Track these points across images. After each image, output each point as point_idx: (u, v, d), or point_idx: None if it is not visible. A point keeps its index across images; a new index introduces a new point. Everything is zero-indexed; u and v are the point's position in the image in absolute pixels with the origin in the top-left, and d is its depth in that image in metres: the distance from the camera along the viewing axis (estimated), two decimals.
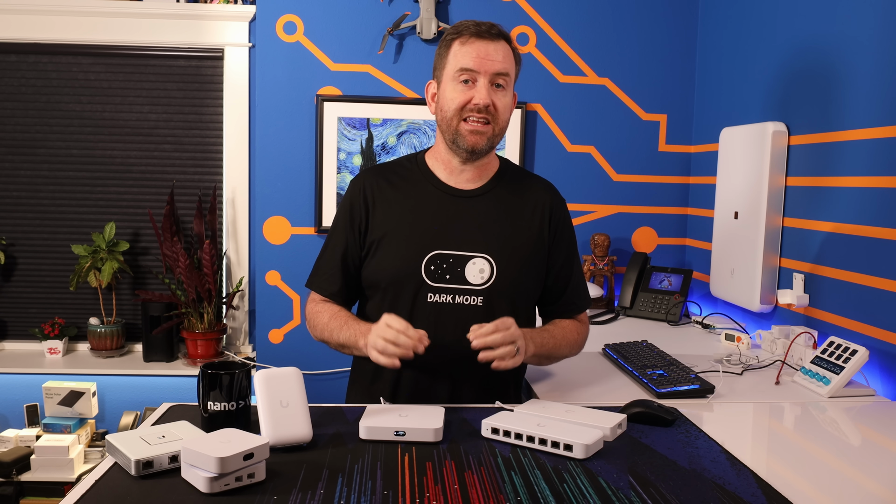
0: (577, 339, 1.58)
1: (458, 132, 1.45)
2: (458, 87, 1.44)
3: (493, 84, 1.44)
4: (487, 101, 1.42)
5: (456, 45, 1.46)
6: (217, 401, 1.16)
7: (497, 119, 1.46)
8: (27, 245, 2.89)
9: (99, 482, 1.02)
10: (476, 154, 1.48)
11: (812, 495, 1.11)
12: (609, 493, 1.02)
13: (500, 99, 1.45)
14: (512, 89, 1.50)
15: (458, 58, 1.44)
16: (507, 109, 1.48)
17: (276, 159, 2.72)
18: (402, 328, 1.31)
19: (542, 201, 1.55)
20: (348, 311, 1.55)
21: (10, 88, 2.81)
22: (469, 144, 1.45)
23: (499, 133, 1.48)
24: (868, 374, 1.72)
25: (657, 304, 2.47)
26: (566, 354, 1.58)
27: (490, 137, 1.46)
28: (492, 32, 1.45)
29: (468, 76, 1.43)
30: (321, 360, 2.72)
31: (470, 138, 1.45)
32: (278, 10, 2.67)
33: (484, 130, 1.45)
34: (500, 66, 1.44)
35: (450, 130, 1.47)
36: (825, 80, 1.97)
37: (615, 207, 2.82)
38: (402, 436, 1.19)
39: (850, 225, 1.86)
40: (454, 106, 1.45)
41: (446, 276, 1.46)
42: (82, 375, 2.71)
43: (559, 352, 1.54)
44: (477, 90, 1.43)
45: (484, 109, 1.43)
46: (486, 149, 1.48)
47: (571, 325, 1.58)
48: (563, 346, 1.54)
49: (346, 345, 1.48)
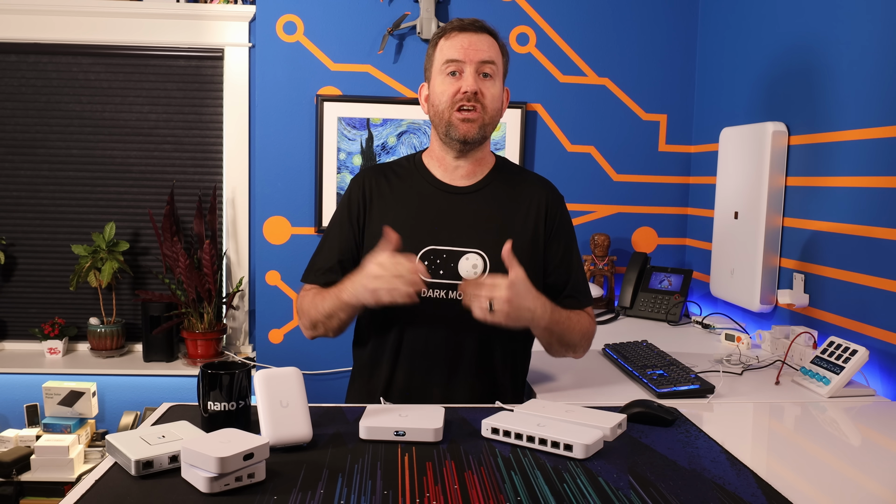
0: (587, 329, 1.53)
1: (451, 123, 1.47)
2: (447, 79, 1.47)
3: (479, 73, 1.46)
4: (475, 88, 1.44)
5: (441, 42, 1.49)
6: (217, 401, 1.16)
7: (486, 107, 1.47)
8: (27, 245, 2.89)
9: (99, 482, 1.02)
10: (469, 144, 1.49)
11: (812, 495, 1.11)
12: (609, 493, 1.02)
13: (487, 87, 1.47)
14: (500, 80, 1.51)
15: (443, 52, 1.48)
16: (496, 98, 1.49)
17: (276, 159, 2.72)
18: (393, 260, 1.30)
19: (537, 197, 1.55)
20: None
21: (10, 88, 2.81)
22: (461, 133, 1.47)
23: (489, 122, 1.49)
24: (868, 374, 1.72)
25: (657, 304, 2.47)
26: (577, 342, 1.51)
27: (481, 126, 1.47)
28: (475, 26, 1.48)
29: (455, 67, 1.46)
30: (321, 360, 2.72)
31: (461, 127, 1.46)
32: (278, 10, 2.67)
33: (474, 118, 1.46)
34: (485, 55, 1.46)
35: (442, 123, 1.48)
36: (825, 79, 1.97)
37: (615, 207, 2.82)
38: (402, 436, 1.19)
39: (850, 225, 1.86)
40: (444, 98, 1.47)
41: (440, 271, 1.47)
42: (82, 375, 2.71)
43: (571, 335, 1.49)
44: (464, 79, 1.45)
45: (472, 97, 1.44)
46: (478, 137, 1.48)
47: (581, 313, 1.54)
48: (576, 330, 1.49)
49: (333, 309, 1.44)
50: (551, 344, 1.51)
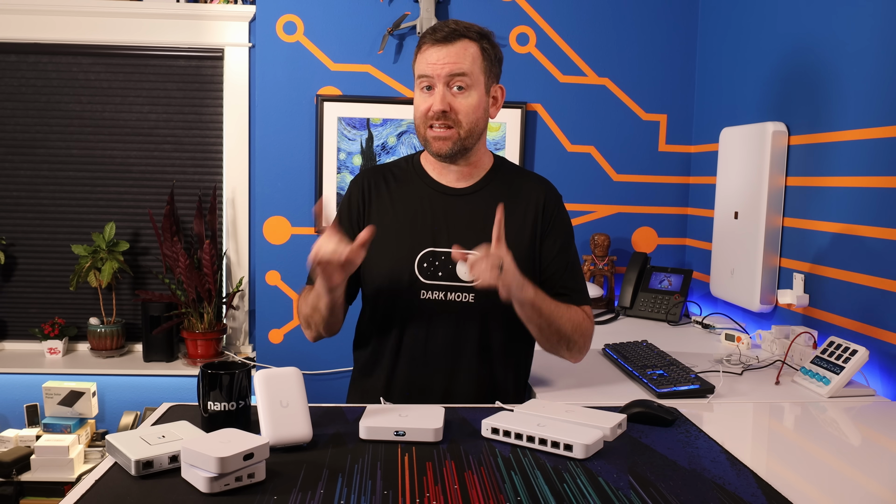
0: (580, 323, 1.50)
1: (426, 139, 1.48)
2: (421, 94, 1.47)
3: (452, 87, 1.44)
4: (442, 107, 1.42)
5: (418, 54, 1.49)
6: (217, 401, 1.16)
7: (460, 121, 1.44)
8: (27, 245, 2.89)
9: (99, 482, 1.02)
10: (445, 158, 1.48)
11: (812, 495, 1.11)
12: (609, 493, 1.02)
13: (460, 101, 1.44)
14: (480, 88, 1.46)
15: (419, 66, 1.48)
16: (473, 109, 1.45)
17: (276, 159, 2.72)
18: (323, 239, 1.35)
19: (535, 196, 1.54)
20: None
21: (10, 88, 2.81)
22: (434, 150, 1.47)
23: (467, 135, 1.46)
24: (868, 374, 1.72)
25: (657, 304, 2.47)
26: (568, 332, 1.48)
27: (455, 141, 1.45)
28: (449, 36, 1.44)
29: (427, 82, 1.46)
30: (321, 360, 2.72)
31: (435, 144, 1.46)
32: (278, 10, 2.67)
33: (446, 135, 1.45)
34: (455, 68, 1.43)
35: (420, 137, 1.50)
36: (825, 79, 1.97)
37: (615, 207, 2.82)
38: (402, 436, 1.19)
39: (850, 225, 1.86)
40: (418, 114, 1.48)
41: (438, 273, 1.47)
42: (82, 375, 2.71)
43: (560, 322, 1.45)
44: (434, 96, 1.44)
45: (442, 115, 1.43)
46: (453, 152, 1.46)
47: (576, 308, 1.52)
48: (566, 320, 1.46)
49: (315, 300, 1.46)
50: (542, 331, 1.46)
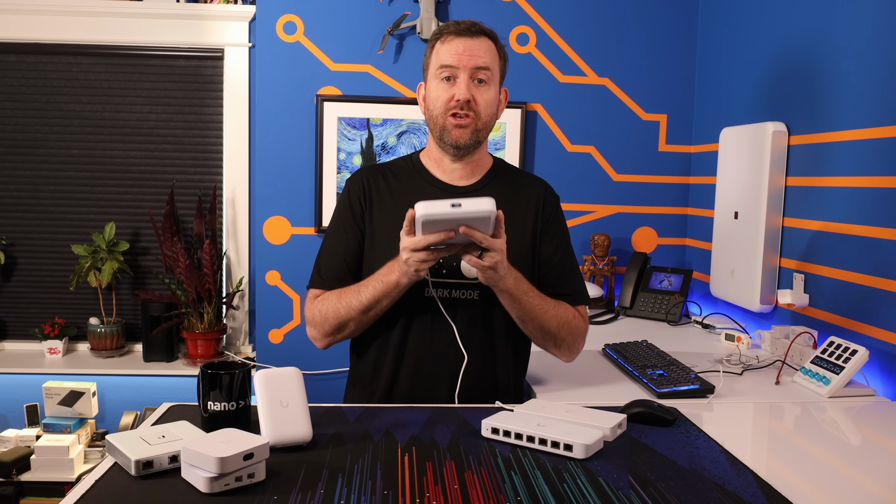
0: (570, 321, 1.49)
1: (444, 128, 1.48)
2: (441, 84, 1.47)
3: (474, 79, 1.46)
4: (468, 96, 1.45)
5: (437, 45, 1.49)
6: (217, 401, 1.16)
7: (479, 113, 1.47)
8: (27, 245, 2.89)
9: (99, 482, 1.02)
10: (462, 149, 1.49)
11: (812, 495, 1.11)
12: (609, 493, 1.02)
13: (481, 94, 1.47)
14: (497, 84, 1.51)
15: (439, 56, 1.48)
16: (491, 104, 1.49)
17: (276, 159, 2.72)
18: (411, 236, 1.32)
19: (533, 195, 1.56)
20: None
21: (10, 88, 2.81)
22: (454, 139, 1.47)
23: (483, 127, 1.49)
24: (868, 374, 1.72)
25: (657, 304, 2.47)
26: (553, 329, 1.47)
27: (474, 132, 1.48)
28: (472, 30, 1.47)
29: (449, 73, 1.46)
30: (321, 360, 2.72)
31: (454, 133, 1.47)
32: (278, 10, 2.67)
33: (466, 124, 1.46)
34: (480, 61, 1.46)
35: (437, 128, 1.49)
36: (825, 79, 1.97)
37: (615, 207, 2.82)
38: (458, 207, 1.21)
39: (849, 225, 1.86)
40: (438, 104, 1.48)
41: (443, 270, 1.48)
42: (82, 375, 2.71)
43: (544, 316, 1.45)
44: (457, 86, 1.45)
45: (465, 104, 1.45)
46: (471, 143, 1.49)
47: (567, 306, 1.52)
48: (550, 316, 1.46)
49: (376, 296, 1.41)
50: (525, 324, 1.46)
